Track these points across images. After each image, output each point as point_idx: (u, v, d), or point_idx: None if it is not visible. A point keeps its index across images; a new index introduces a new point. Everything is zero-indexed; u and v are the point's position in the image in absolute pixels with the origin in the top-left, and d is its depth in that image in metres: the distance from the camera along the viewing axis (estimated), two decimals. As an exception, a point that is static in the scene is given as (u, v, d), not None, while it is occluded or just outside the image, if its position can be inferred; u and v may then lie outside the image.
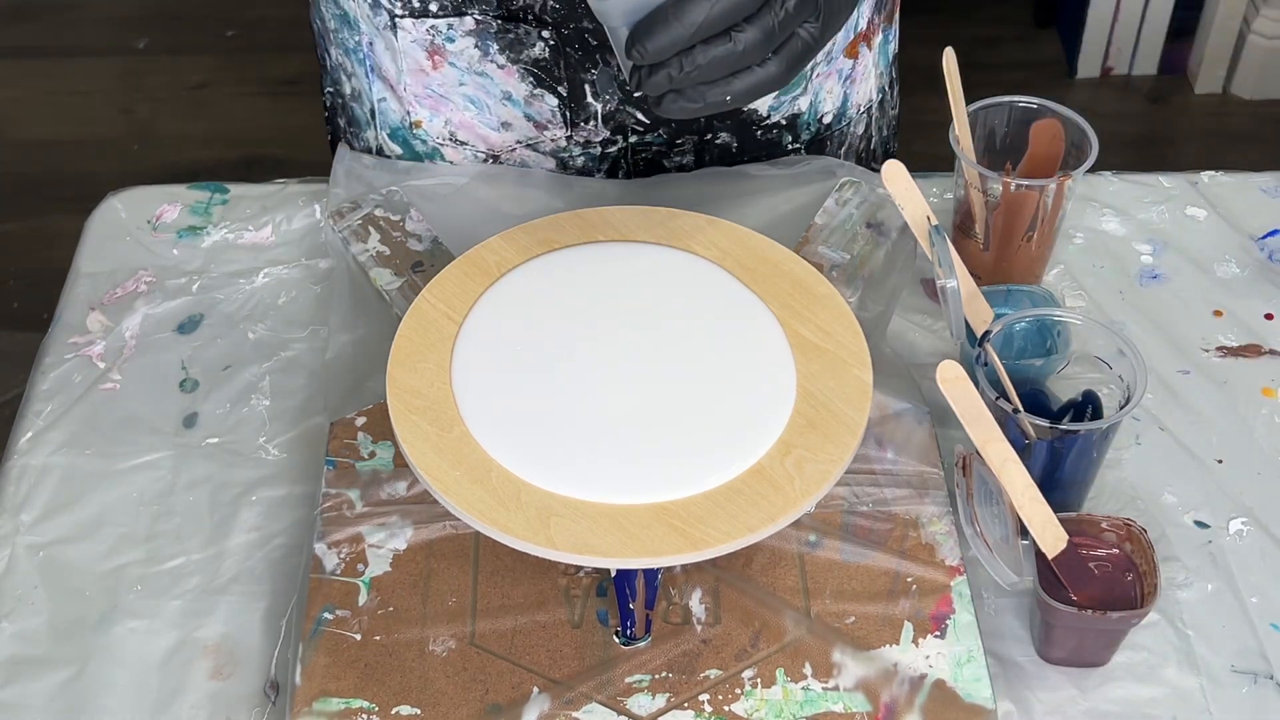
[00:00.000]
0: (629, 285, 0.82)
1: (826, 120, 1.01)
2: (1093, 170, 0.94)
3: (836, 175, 0.97)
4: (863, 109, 1.04)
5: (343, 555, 0.77)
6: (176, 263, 0.97)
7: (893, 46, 1.05)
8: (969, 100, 0.90)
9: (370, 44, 0.96)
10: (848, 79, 1.00)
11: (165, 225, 1.00)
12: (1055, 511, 0.74)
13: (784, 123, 0.99)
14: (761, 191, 0.97)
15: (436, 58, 0.93)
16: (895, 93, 1.09)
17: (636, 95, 0.70)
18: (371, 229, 0.93)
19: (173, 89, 2.49)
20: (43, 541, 0.82)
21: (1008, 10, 2.62)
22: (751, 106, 0.97)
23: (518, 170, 0.99)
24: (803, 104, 0.99)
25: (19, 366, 1.02)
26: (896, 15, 1.04)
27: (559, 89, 0.94)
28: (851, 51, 1.00)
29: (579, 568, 0.76)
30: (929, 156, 1.13)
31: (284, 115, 2.41)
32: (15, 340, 2.04)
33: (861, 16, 0.98)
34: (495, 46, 0.92)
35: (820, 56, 0.97)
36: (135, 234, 0.99)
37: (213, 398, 0.89)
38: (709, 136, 0.98)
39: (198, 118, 2.42)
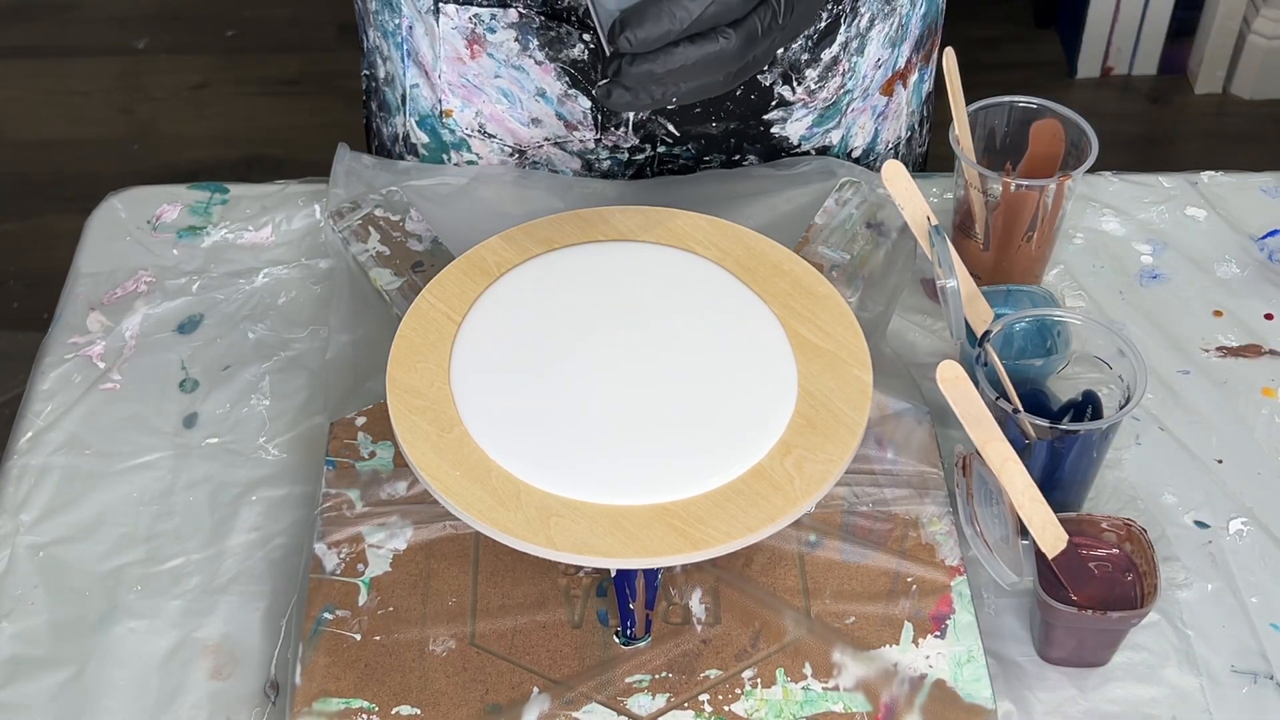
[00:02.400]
0: (629, 285, 0.82)
1: (855, 155, 1.01)
2: (1093, 170, 0.94)
3: (836, 175, 0.97)
4: (891, 145, 1.04)
5: (343, 555, 0.77)
6: (176, 263, 0.97)
7: (927, 86, 1.06)
8: (969, 100, 0.90)
9: (410, 28, 0.96)
10: (880, 115, 1.01)
11: (165, 225, 1.00)
12: (1055, 511, 0.74)
13: (813, 153, 0.99)
14: (761, 191, 0.97)
15: (475, 47, 0.93)
16: (925, 131, 1.09)
17: (601, 83, 0.71)
18: (371, 229, 0.93)
19: (173, 89, 2.49)
20: (43, 541, 0.82)
21: (1008, 10, 2.62)
22: (783, 134, 0.98)
23: (517, 170, 0.99)
24: (834, 137, 0.99)
25: (19, 366, 1.02)
26: (934, 55, 1.04)
27: (594, 92, 0.94)
28: (887, 89, 1.00)
29: (579, 568, 0.76)
30: (932, 157, 1.13)
31: (284, 115, 2.41)
32: (15, 340, 2.04)
33: (900, 55, 0.99)
34: (535, 42, 0.92)
35: (857, 92, 0.97)
36: (135, 234, 0.99)
37: (213, 398, 0.89)
38: (737, 156, 0.98)
39: (198, 118, 2.42)
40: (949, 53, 0.88)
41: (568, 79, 0.93)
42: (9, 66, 2.55)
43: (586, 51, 0.91)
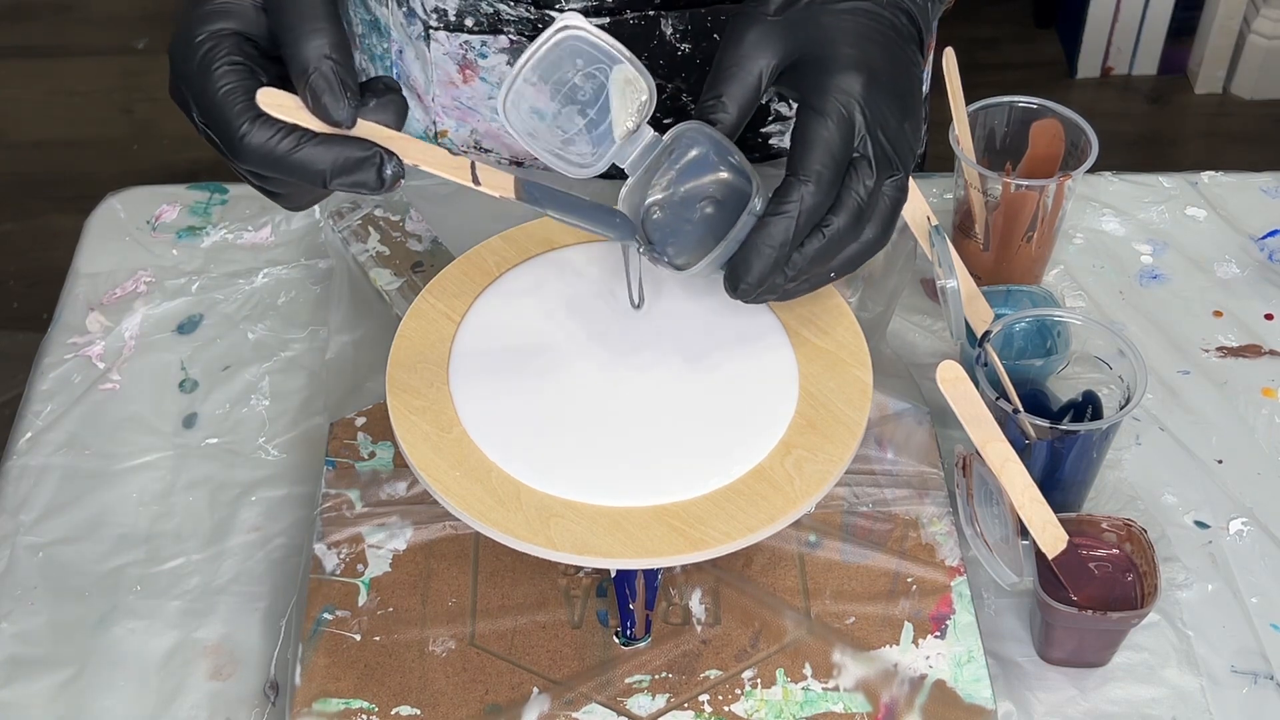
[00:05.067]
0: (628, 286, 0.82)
1: None
2: (1093, 170, 0.94)
3: (836, 175, 0.97)
4: None
5: (342, 556, 0.77)
6: (176, 263, 0.97)
7: (925, 89, 1.05)
8: (969, 100, 0.90)
9: (400, 52, 0.96)
10: None
11: (165, 225, 1.00)
12: (1055, 512, 0.74)
13: None
14: (761, 192, 0.97)
15: (468, 71, 0.93)
16: (924, 132, 1.09)
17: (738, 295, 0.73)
18: (371, 229, 0.93)
19: (173, 89, 2.48)
20: (42, 541, 0.82)
21: (1008, 10, 2.62)
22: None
23: (517, 170, 0.99)
24: None
25: (19, 366, 1.02)
26: (930, 57, 1.04)
27: (589, 111, 0.93)
28: None
29: (579, 568, 0.76)
30: (929, 156, 1.13)
31: (284, 115, 2.41)
32: (15, 340, 2.04)
33: None
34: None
35: None
36: (134, 234, 0.99)
37: (212, 398, 0.89)
38: None
39: (197, 118, 2.41)
40: (949, 53, 0.88)
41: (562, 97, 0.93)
42: (9, 66, 2.55)
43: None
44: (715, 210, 0.73)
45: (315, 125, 0.63)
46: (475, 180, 0.68)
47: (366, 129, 0.64)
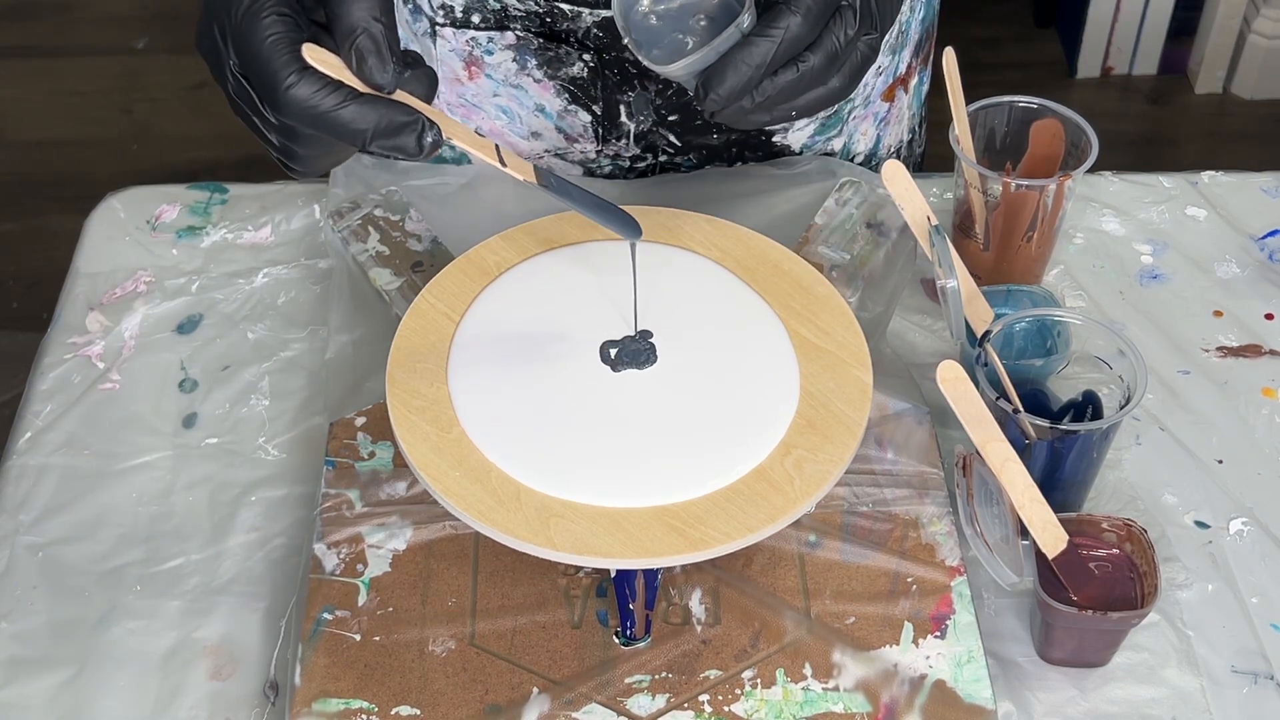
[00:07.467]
0: (629, 285, 0.82)
1: (858, 160, 1.01)
2: (1093, 170, 0.94)
3: (836, 175, 0.97)
4: (893, 149, 1.04)
5: (342, 556, 0.77)
6: (176, 263, 0.97)
7: (925, 88, 1.06)
8: (969, 100, 0.90)
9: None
10: (882, 121, 1.01)
11: (164, 225, 1.00)
12: (1055, 511, 0.74)
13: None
14: (761, 191, 0.97)
15: (474, 68, 0.93)
16: (923, 131, 1.09)
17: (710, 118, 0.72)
18: (371, 229, 0.93)
19: (172, 89, 2.49)
20: (42, 541, 0.82)
21: (1008, 10, 2.62)
22: (785, 142, 0.98)
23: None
24: (836, 144, 0.99)
25: (19, 366, 1.02)
26: (931, 56, 1.04)
27: (594, 107, 0.93)
28: (888, 95, 1.00)
29: (579, 568, 0.76)
30: (929, 156, 1.13)
31: (284, 115, 2.41)
32: (15, 340, 2.04)
33: (901, 61, 0.99)
34: (534, 62, 0.92)
35: (858, 100, 0.97)
36: (134, 234, 0.99)
37: (212, 398, 0.89)
38: (739, 164, 0.98)
39: (197, 118, 2.41)
40: (949, 53, 0.88)
41: (567, 96, 0.93)
42: (9, 66, 2.55)
43: (586, 70, 0.91)
44: (709, 26, 0.74)
45: (357, 86, 0.64)
46: (501, 161, 0.68)
47: (401, 98, 0.65)
